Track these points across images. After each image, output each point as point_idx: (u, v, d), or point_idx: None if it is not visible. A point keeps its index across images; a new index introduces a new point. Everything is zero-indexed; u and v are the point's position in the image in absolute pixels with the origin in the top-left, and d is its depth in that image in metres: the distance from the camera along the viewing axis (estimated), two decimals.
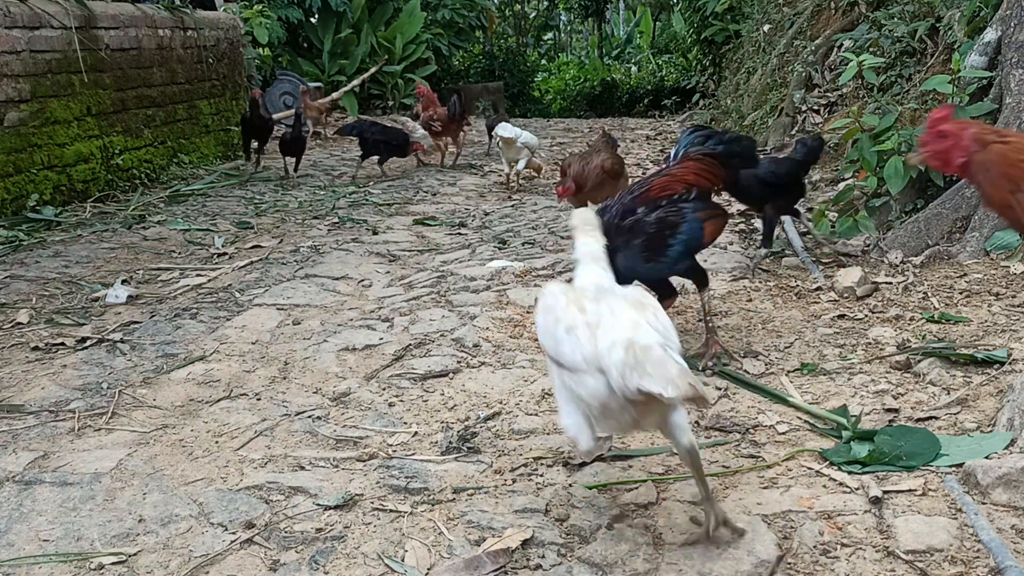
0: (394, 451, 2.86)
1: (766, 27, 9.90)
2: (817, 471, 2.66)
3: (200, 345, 3.88)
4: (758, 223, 5.76)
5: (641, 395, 1.93)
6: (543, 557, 2.24)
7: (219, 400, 3.31)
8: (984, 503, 2.41)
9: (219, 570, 2.24)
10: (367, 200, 7.38)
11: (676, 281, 4.71)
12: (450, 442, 2.89)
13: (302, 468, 2.76)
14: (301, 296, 4.61)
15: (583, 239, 2.49)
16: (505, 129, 7.33)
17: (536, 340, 3.87)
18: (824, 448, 2.79)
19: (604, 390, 2.01)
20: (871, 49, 6.86)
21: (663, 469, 2.71)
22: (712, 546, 2.28)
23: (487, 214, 6.84)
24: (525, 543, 2.29)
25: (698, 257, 4.30)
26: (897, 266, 4.50)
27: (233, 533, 2.39)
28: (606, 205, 3.40)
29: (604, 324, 2.09)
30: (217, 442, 2.95)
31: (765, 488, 2.58)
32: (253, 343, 3.92)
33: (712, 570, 2.18)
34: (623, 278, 2.92)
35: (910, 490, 2.52)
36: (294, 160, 8.42)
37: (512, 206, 7.18)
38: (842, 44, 7.88)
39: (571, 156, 5.70)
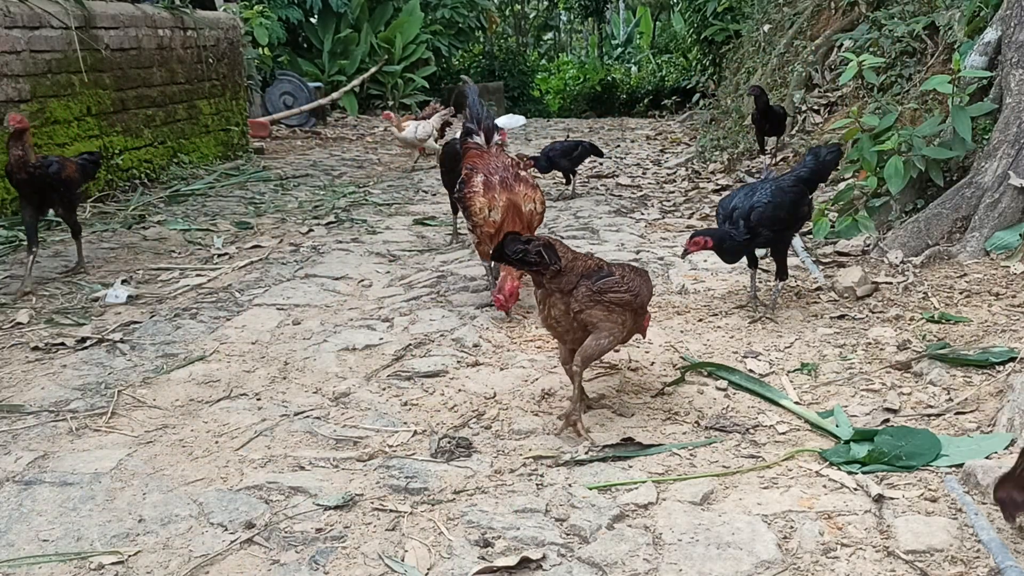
0: (394, 451, 2.86)
1: (766, 27, 9.90)
2: (817, 471, 2.66)
3: (200, 345, 3.88)
4: None
5: None
6: (543, 557, 2.24)
7: (219, 400, 3.31)
8: (984, 503, 2.41)
9: (219, 570, 2.24)
10: (367, 200, 7.38)
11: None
12: (439, 445, 2.89)
13: (302, 468, 2.76)
14: (301, 296, 4.61)
15: None
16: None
17: (536, 340, 3.87)
18: (824, 448, 2.79)
19: None
20: (871, 49, 6.86)
21: (663, 469, 2.71)
22: (712, 546, 2.28)
23: None
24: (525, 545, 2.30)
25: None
26: (897, 266, 4.50)
27: (233, 533, 2.39)
28: None
29: None
30: (217, 442, 2.95)
31: (765, 488, 2.58)
32: (253, 343, 3.91)
33: (712, 570, 2.19)
34: None
35: (908, 483, 2.52)
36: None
37: None
38: (842, 44, 7.88)
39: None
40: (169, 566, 2.24)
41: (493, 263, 4.39)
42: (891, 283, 4.31)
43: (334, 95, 13.78)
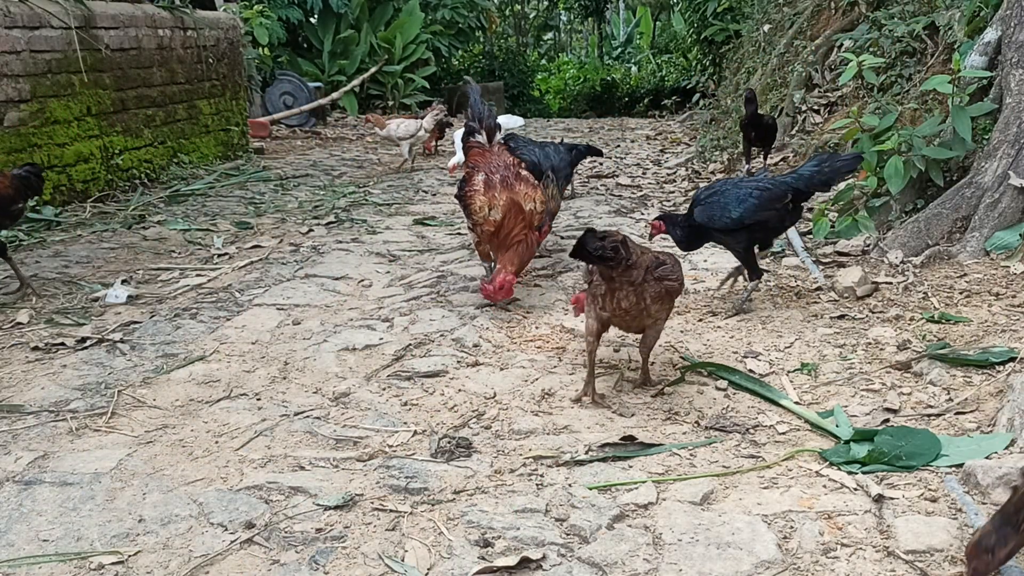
0: (394, 451, 2.86)
1: (766, 27, 9.90)
2: (817, 471, 2.66)
3: (200, 345, 3.88)
4: None
5: None
6: (543, 557, 2.24)
7: (219, 400, 3.31)
8: (984, 503, 2.41)
9: (219, 570, 2.24)
10: (367, 200, 7.38)
11: None
12: (439, 445, 2.89)
13: (302, 468, 2.76)
14: (301, 296, 4.61)
15: None
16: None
17: (536, 340, 3.87)
18: (824, 448, 2.79)
19: None
20: (871, 49, 6.86)
21: (663, 469, 2.71)
22: (712, 546, 2.28)
23: None
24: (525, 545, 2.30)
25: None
26: (897, 266, 4.51)
27: (233, 533, 2.39)
28: None
29: None
30: (217, 442, 2.95)
31: (765, 488, 2.58)
32: (253, 343, 3.91)
33: (712, 570, 2.19)
34: None
35: (908, 483, 2.52)
36: None
37: None
38: (842, 44, 7.88)
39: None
40: (169, 566, 2.24)
41: (493, 264, 4.40)
42: (891, 283, 4.31)
43: (334, 95, 13.78)
